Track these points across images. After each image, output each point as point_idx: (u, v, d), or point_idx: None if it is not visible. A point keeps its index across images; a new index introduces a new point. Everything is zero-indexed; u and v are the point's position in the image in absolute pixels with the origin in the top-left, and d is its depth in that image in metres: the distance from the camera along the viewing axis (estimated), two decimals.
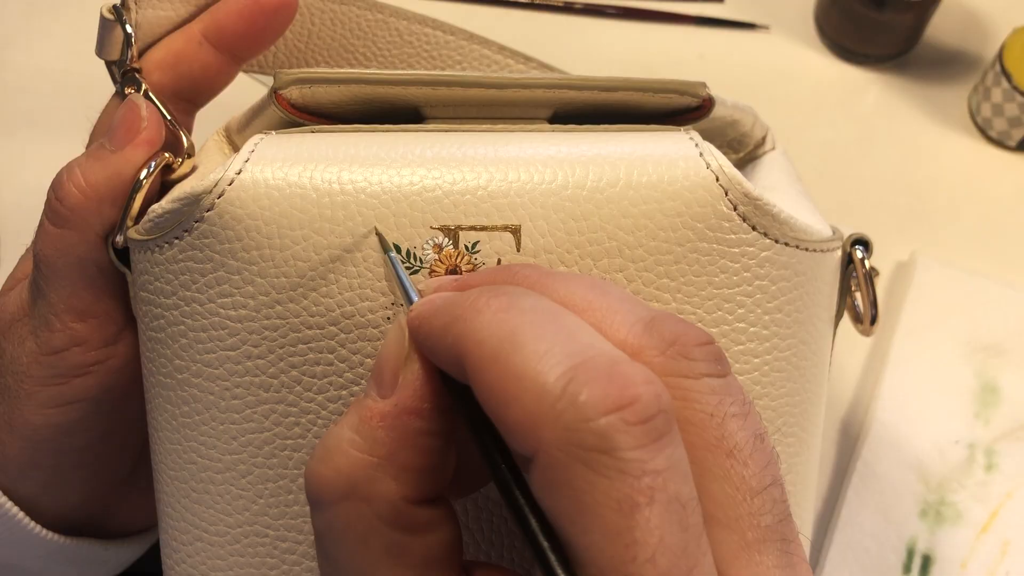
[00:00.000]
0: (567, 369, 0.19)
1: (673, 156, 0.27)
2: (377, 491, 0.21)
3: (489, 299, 0.21)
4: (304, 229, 0.26)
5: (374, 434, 0.21)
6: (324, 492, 0.22)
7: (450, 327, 0.21)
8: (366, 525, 0.21)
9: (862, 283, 0.31)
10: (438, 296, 0.23)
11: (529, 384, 0.19)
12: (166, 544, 0.30)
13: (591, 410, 0.18)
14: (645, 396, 0.19)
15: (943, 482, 0.44)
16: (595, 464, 0.18)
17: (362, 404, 0.22)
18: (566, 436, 0.18)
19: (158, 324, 0.28)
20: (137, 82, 0.32)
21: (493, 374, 0.19)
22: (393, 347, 0.23)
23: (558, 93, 0.29)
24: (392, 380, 0.22)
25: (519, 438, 0.19)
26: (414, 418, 0.22)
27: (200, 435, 0.28)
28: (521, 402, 0.19)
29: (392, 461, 0.21)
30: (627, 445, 0.18)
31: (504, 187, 0.26)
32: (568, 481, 0.18)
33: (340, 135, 0.28)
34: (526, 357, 0.19)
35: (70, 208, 0.30)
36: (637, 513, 0.18)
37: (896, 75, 0.59)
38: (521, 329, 0.20)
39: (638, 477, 0.18)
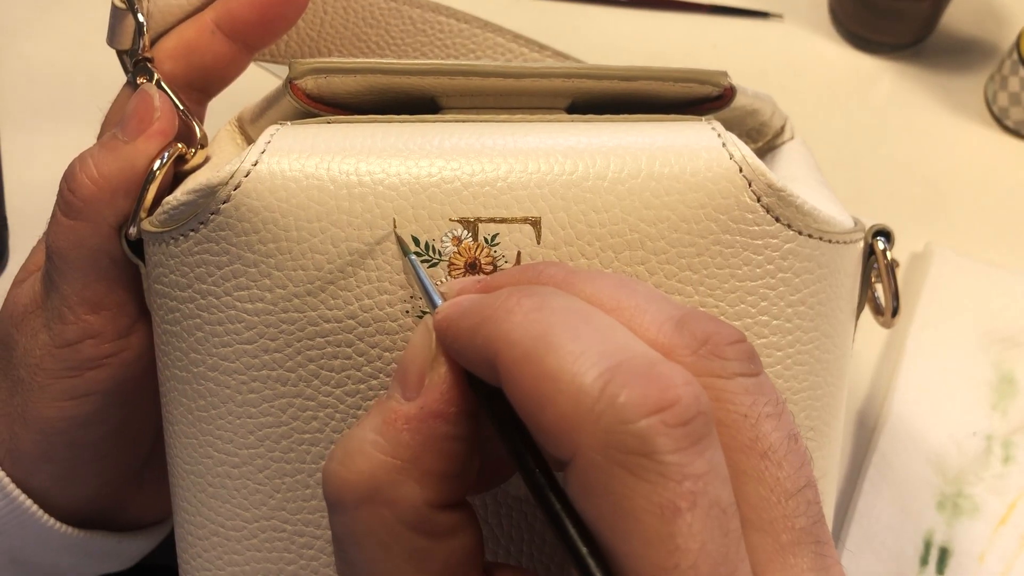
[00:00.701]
0: (604, 370, 0.18)
1: (695, 146, 0.26)
2: (400, 495, 0.21)
3: (520, 299, 0.20)
4: (322, 221, 0.26)
5: (398, 437, 0.21)
6: (345, 495, 0.21)
7: (480, 328, 0.21)
8: (388, 530, 0.21)
9: (884, 274, 0.31)
10: (465, 298, 0.22)
11: (565, 385, 0.19)
12: (181, 539, 0.30)
13: (631, 412, 0.18)
14: (685, 397, 0.18)
15: (960, 474, 0.43)
16: (635, 468, 0.18)
17: (385, 406, 0.22)
18: (605, 439, 0.18)
19: (173, 317, 0.28)
20: (149, 72, 0.32)
21: (526, 375, 0.19)
22: (419, 349, 0.22)
23: (576, 83, 0.29)
24: (418, 382, 0.22)
25: (555, 441, 0.19)
26: (440, 422, 0.21)
27: (216, 429, 0.28)
28: (557, 404, 0.19)
29: (416, 465, 0.21)
30: (668, 448, 0.18)
31: (524, 178, 0.26)
32: (607, 485, 0.18)
33: (357, 126, 0.28)
34: (561, 358, 0.19)
35: (83, 199, 0.29)
36: (679, 519, 0.18)
37: (911, 64, 0.58)
38: (554, 329, 0.19)
39: (679, 481, 0.18)
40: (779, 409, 0.21)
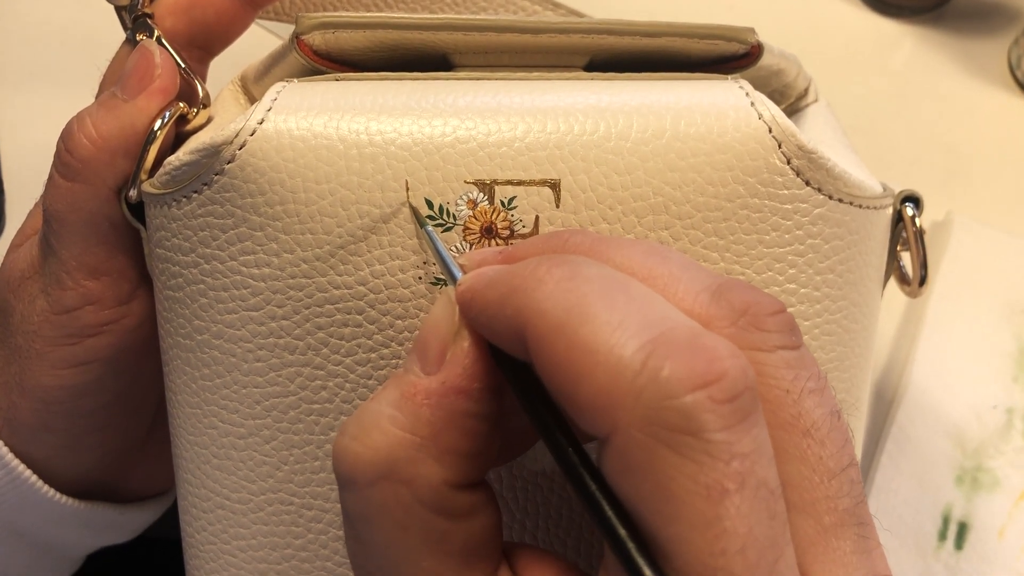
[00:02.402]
0: (645, 341, 0.17)
1: (722, 106, 0.25)
2: (419, 473, 0.20)
3: (550, 268, 0.19)
4: (331, 183, 0.25)
5: (418, 412, 0.20)
6: (359, 471, 0.20)
7: (509, 298, 0.19)
8: (405, 509, 0.20)
9: (912, 242, 0.30)
10: (490, 268, 0.21)
11: (603, 358, 0.17)
12: (185, 511, 0.29)
13: (676, 387, 0.17)
14: (732, 371, 0.17)
15: (980, 448, 0.43)
16: (681, 447, 0.17)
17: (404, 379, 0.21)
18: (647, 415, 0.17)
19: (176, 283, 0.27)
20: (149, 28, 0.31)
21: (560, 347, 0.18)
22: (440, 321, 0.21)
23: (596, 39, 0.27)
24: (439, 356, 0.21)
25: (591, 417, 0.18)
26: (462, 398, 0.20)
27: (221, 399, 0.27)
28: (594, 378, 0.17)
29: (436, 442, 0.20)
30: (715, 426, 0.17)
31: (543, 139, 0.25)
32: (651, 465, 0.17)
33: (367, 83, 0.26)
34: (597, 329, 0.18)
35: (81, 160, 0.28)
36: (727, 500, 0.17)
37: (932, 28, 0.57)
38: (588, 299, 0.18)
39: (727, 461, 0.17)
40: (821, 384, 0.20)
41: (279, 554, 0.28)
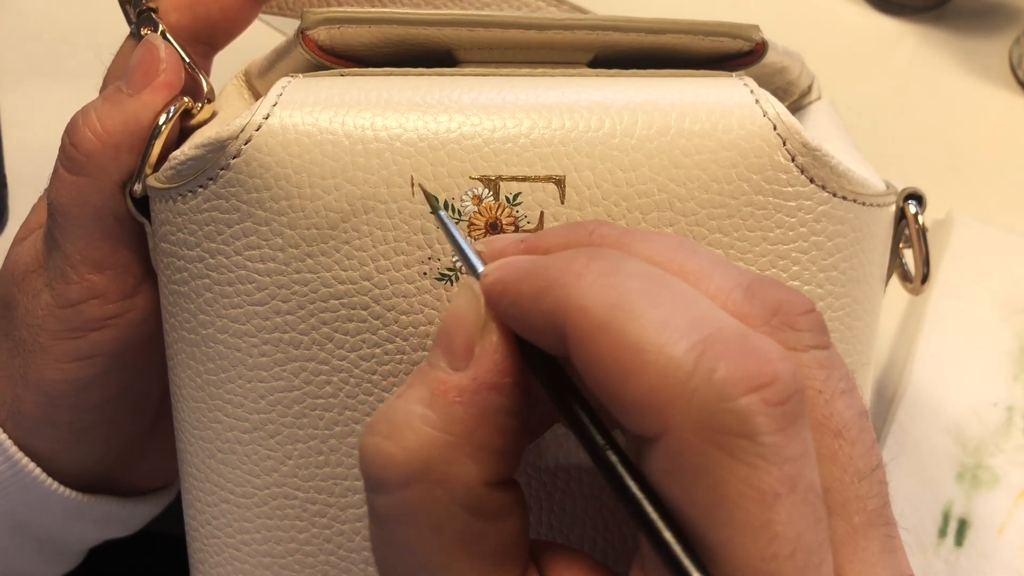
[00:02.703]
0: (696, 341, 0.17)
1: (727, 103, 0.25)
2: (454, 473, 0.19)
3: (588, 262, 0.19)
4: (336, 178, 0.25)
5: (451, 410, 0.20)
6: (392, 473, 0.19)
7: (546, 293, 0.19)
8: (441, 511, 0.19)
9: (915, 239, 0.30)
10: (520, 259, 0.21)
11: (653, 356, 0.17)
12: (190, 505, 0.29)
13: (731, 389, 0.17)
14: (784, 374, 0.17)
15: (980, 445, 0.43)
16: (735, 450, 0.17)
17: (431, 376, 0.20)
18: (702, 418, 0.17)
19: (181, 277, 0.27)
20: (154, 22, 0.31)
21: (605, 345, 0.18)
22: (465, 314, 0.21)
23: (602, 35, 0.27)
24: (466, 351, 0.20)
25: (639, 417, 0.17)
26: (495, 394, 0.20)
27: (226, 393, 0.27)
28: (644, 376, 0.17)
29: (470, 441, 0.19)
30: (768, 429, 0.17)
31: (547, 135, 0.25)
32: (704, 468, 0.17)
33: (372, 79, 0.27)
34: (644, 326, 0.17)
35: (86, 154, 0.28)
36: (779, 504, 0.17)
37: (934, 26, 0.57)
38: (632, 296, 0.18)
39: (780, 465, 0.17)
40: (851, 385, 0.20)
41: (283, 548, 0.28)
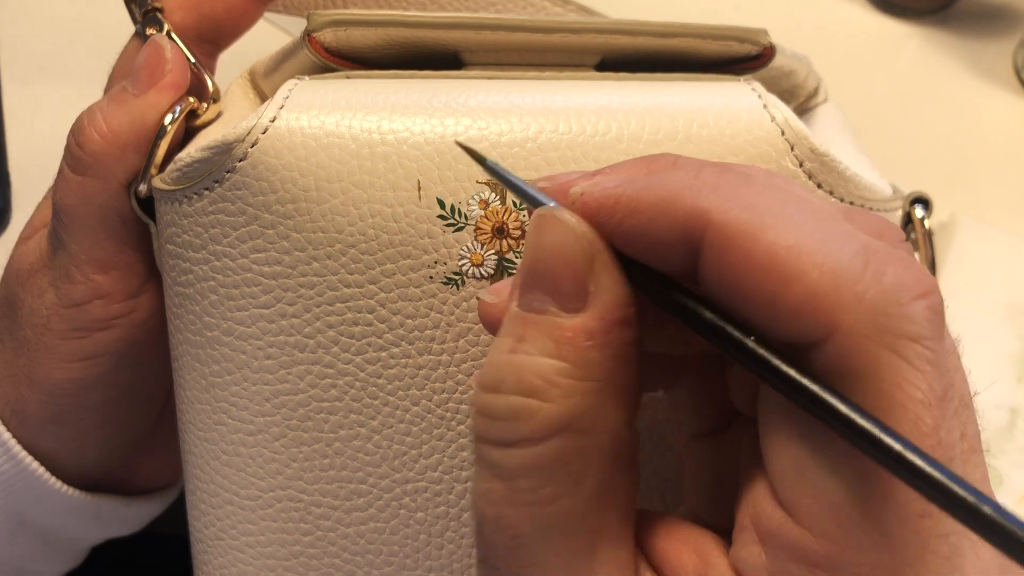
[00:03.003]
0: (859, 249, 0.17)
1: (735, 108, 0.25)
2: (602, 419, 0.18)
3: (719, 173, 0.18)
4: (343, 182, 0.25)
5: (586, 356, 0.18)
6: (536, 427, 0.18)
7: (676, 202, 0.18)
8: (585, 460, 0.18)
9: (922, 243, 0.30)
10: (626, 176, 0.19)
11: (819, 259, 0.17)
12: (193, 506, 0.29)
13: (902, 293, 0.17)
14: (936, 287, 0.17)
15: (984, 446, 0.43)
16: (907, 353, 0.17)
17: (547, 324, 0.19)
18: (873, 320, 0.16)
19: (186, 279, 0.27)
20: (159, 22, 0.31)
21: (758, 251, 0.17)
22: (567, 248, 0.19)
23: (609, 39, 0.27)
24: (578, 289, 0.19)
25: (801, 321, 0.17)
26: (625, 329, 0.19)
27: (231, 395, 0.27)
28: (809, 279, 0.17)
29: (613, 383, 0.19)
30: (934, 335, 0.17)
31: (555, 139, 0.25)
32: (874, 371, 0.17)
33: (378, 81, 0.26)
34: (802, 232, 0.17)
35: (91, 154, 0.28)
36: (943, 410, 0.17)
37: (938, 28, 0.57)
38: (779, 204, 0.18)
39: (943, 372, 0.17)
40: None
41: (287, 550, 0.28)
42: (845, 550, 0.17)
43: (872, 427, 0.16)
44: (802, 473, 0.18)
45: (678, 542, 0.20)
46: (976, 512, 0.16)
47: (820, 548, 0.17)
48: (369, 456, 0.27)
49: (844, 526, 0.17)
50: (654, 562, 0.20)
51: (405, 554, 0.27)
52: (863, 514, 0.17)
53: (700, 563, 0.19)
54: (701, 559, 0.19)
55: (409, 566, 0.27)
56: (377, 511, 0.27)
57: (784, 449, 0.18)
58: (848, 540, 0.17)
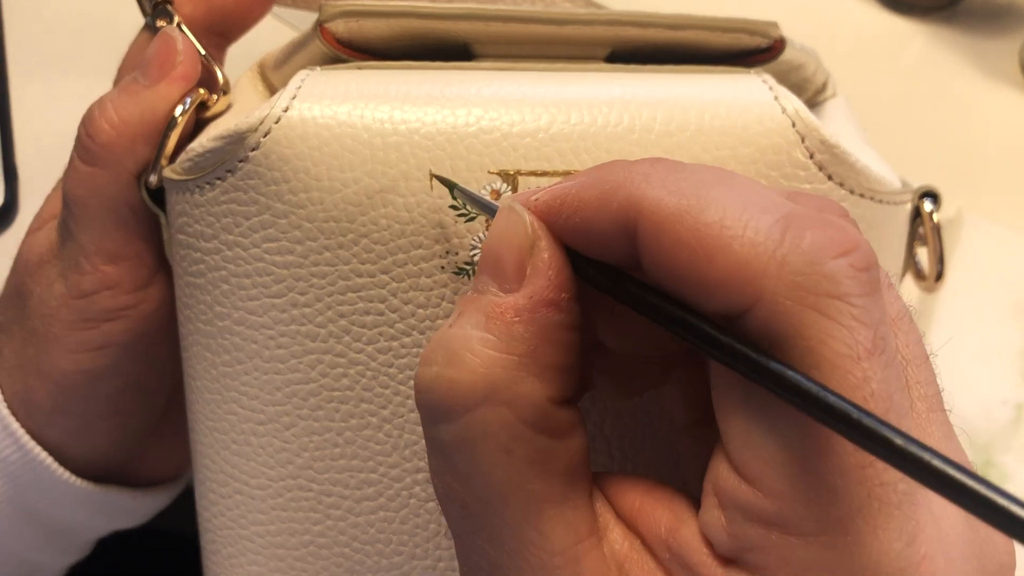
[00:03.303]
0: (779, 217, 0.18)
1: (746, 99, 0.25)
2: (521, 392, 0.19)
3: (652, 164, 0.19)
4: (355, 171, 0.25)
5: (510, 330, 0.19)
6: (457, 399, 0.19)
7: (613, 194, 0.19)
8: (510, 431, 0.19)
9: (930, 237, 0.30)
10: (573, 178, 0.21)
11: (738, 231, 0.18)
12: (203, 496, 0.29)
13: (820, 253, 0.17)
14: (863, 244, 0.18)
15: (989, 443, 0.43)
16: (829, 311, 0.17)
17: (483, 301, 0.20)
18: (794, 281, 0.17)
19: (197, 269, 0.27)
20: (169, 14, 0.31)
21: (684, 230, 0.18)
22: (512, 235, 0.20)
23: (619, 30, 0.27)
24: (517, 271, 0.20)
25: (728, 292, 0.18)
26: (553, 310, 0.20)
27: (242, 385, 0.27)
28: (730, 252, 0.17)
29: (535, 359, 0.19)
30: (857, 291, 0.17)
31: (566, 130, 0.25)
32: (799, 332, 0.17)
33: (390, 72, 0.27)
34: (724, 207, 0.18)
35: (102, 145, 0.29)
36: (873, 362, 0.17)
37: (944, 26, 0.57)
38: (704, 186, 0.18)
39: (869, 326, 0.17)
40: (893, 283, 0.21)
41: (297, 540, 0.28)
42: (793, 505, 0.18)
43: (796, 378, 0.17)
44: (747, 435, 0.18)
45: (655, 501, 0.21)
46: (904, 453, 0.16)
47: (770, 506, 0.18)
48: (380, 445, 0.27)
49: (789, 482, 0.18)
50: (629, 518, 0.21)
51: (415, 543, 0.27)
52: (805, 469, 0.18)
53: (673, 520, 0.20)
54: (674, 517, 0.20)
55: (419, 555, 0.27)
56: (387, 500, 0.27)
57: (731, 415, 0.19)
58: (795, 495, 0.18)
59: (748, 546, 0.18)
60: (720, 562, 0.19)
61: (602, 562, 0.20)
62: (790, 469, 0.18)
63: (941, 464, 0.16)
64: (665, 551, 0.20)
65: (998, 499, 0.15)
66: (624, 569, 0.20)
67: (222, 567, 0.29)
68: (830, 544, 0.18)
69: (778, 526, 0.18)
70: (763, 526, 0.18)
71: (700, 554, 0.19)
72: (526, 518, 0.20)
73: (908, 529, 0.18)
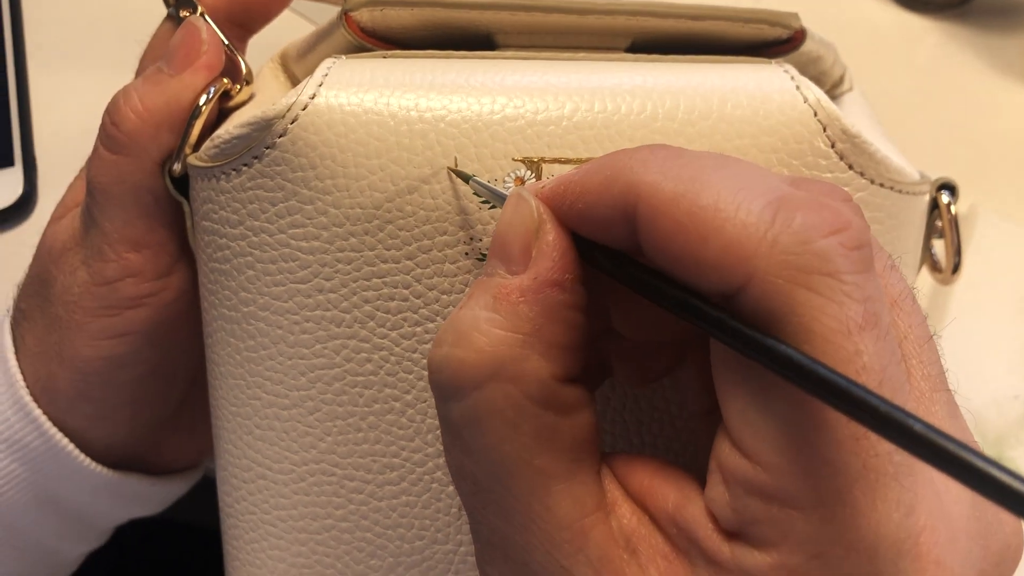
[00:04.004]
0: (771, 200, 0.18)
1: (768, 89, 0.26)
2: (526, 370, 0.20)
3: (652, 150, 0.20)
4: (381, 158, 0.25)
5: (515, 310, 0.20)
6: (465, 376, 0.20)
7: (614, 180, 0.20)
8: (516, 407, 0.20)
9: (947, 229, 0.30)
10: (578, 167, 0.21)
11: (731, 214, 0.18)
12: (224, 481, 0.29)
13: (810, 232, 0.18)
14: (856, 222, 0.18)
15: (1000, 438, 0.43)
16: (820, 288, 0.18)
17: (491, 283, 0.21)
18: (785, 260, 0.18)
19: (223, 255, 0.27)
20: (192, 4, 0.31)
21: (681, 212, 0.18)
22: (517, 220, 0.21)
23: (641, 21, 0.28)
24: (523, 254, 0.21)
25: (721, 272, 0.18)
26: (557, 290, 0.20)
27: (266, 370, 0.27)
28: (723, 233, 0.18)
29: (539, 337, 0.20)
30: (848, 268, 0.18)
31: (590, 118, 0.25)
32: (791, 308, 0.18)
33: (415, 61, 0.27)
34: (719, 192, 0.18)
35: (127, 133, 0.29)
36: (864, 336, 0.18)
37: (957, 23, 0.57)
38: (703, 171, 0.19)
39: (861, 302, 0.18)
40: (895, 264, 0.21)
41: (319, 524, 0.28)
42: (791, 479, 0.18)
43: (786, 351, 0.17)
44: (745, 411, 0.19)
45: (663, 479, 0.21)
46: (888, 420, 0.16)
47: (770, 480, 0.18)
48: (403, 430, 0.27)
49: (786, 456, 0.18)
50: (638, 496, 0.21)
51: (436, 528, 0.28)
52: (801, 442, 0.18)
53: (680, 497, 0.20)
54: (682, 494, 0.21)
55: (440, 540, 0.28)
56: (409, 485, 0.27)
57: (730, 393, 0.19)
58: (792, 469, 0.18)
59: (750, 520, 0.19)
60: (725, 536, 0.19)
61: (609, 536, 0.20)
62: (786, 443, 0.18)
63: (923, 429, 0.16)
64: (672, 527, 0.20)
65: (983, 466, 0.15)
66: (632, 543, 0.20)
67: (244, 551, 0.29)
68: (828, 516, 0.18)
69: (778, 499, 0.18)
70: (763, 500, 0.18)
71: (706, 529, 0.20)
72: (533, 492, 0.20)
73: (906, 500, 0.18)
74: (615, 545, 0.20)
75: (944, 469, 0.16)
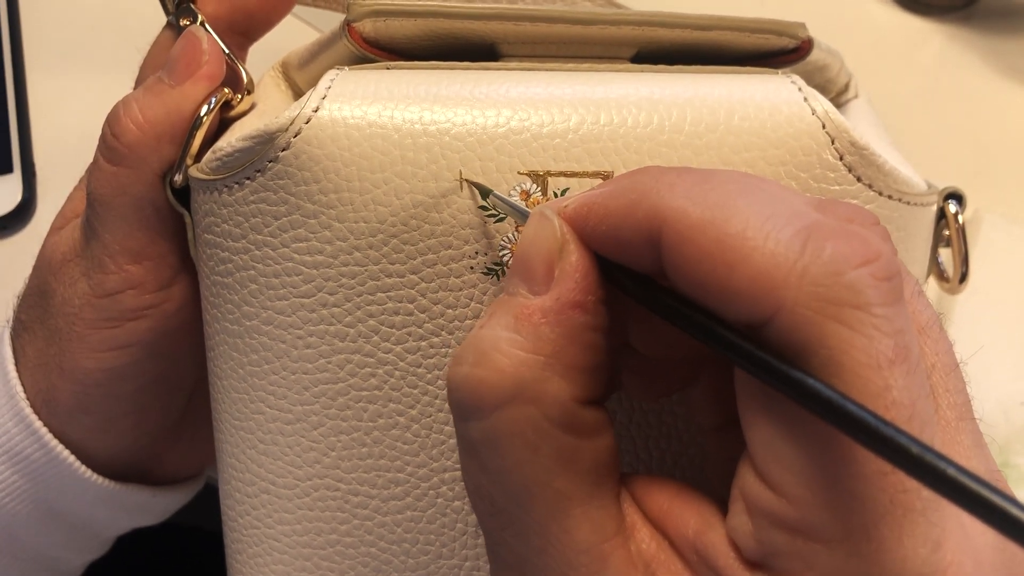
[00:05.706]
0: (800, 228, 0.18)
1: (775, 100, 0.25)
2: (547, 391, 0.20)
3: (679, 173, 0.20)
4: (385, 172, 0.25)
5: (537, 331, 0.20)
6: (485, 397, 0.20)
7: (639, 203, 0.19)
8: (536, 429, 0.20)
9: (955, 239, 0.30)
10: (605, 184, 0.21)
11: (759, 243, 0.18)
12: (228, 495, 0.29)
13: (840, 264, 0.17)
14: (886, 253, 0.18)
15: (1007, 444, 0.43)
16: (850, 321, 0.17)
17: (513, 303, 0.20)
18: (815, 292, 0.17)
19: (225, 268, 0.27)
20: (193, 13, 0.31)
21: (708, 240, 0.18)
22: (541, 241, 0.21)
23: (647, 31, 0.27)
24: (546, 274, 0.20)
25: (748, 302, 0.18)
26: (579, 312, 0.20)
27: (269, 384, 0.27)
28: (751, 263, 0.18)
29: (560, 359, 0.20)
30: (878, 300, 0.17)
31: (596, 130, 0.25)
32: (820, 341, 0.17)
33: (419, 72, 0.26)
34: (746, 219, 0.18)
35: (127, 145, 0.29)
36: (894, 371, 0.17)
37: (961, 26, 0.57)
38: (730, 197, 0.19)
39: (891, 336, 0.17)
40: (922, 290, 0.21)
41: (324, 539, 0.28)
42: (817, 512, 0.18)
43: (815, 386, 0.17)
44: (770, 443, 0.19)
45: (683, 503, 0.21)
46: (919, 462, 0.16)
47: (795, 513, 0.18)
48: (407, 445, 0.27)
49: (812, 489, 0.18)
50: (657, 520, 0.21)
51: (441, 543, 0.27)
52: (827, 476, 0.18)
53: (701, 523, 0.20)
54: (702, 520, 0.20)
55: (445, 555, 0.27)
56: (414, 500, 0.27)
57: (755, 423, 0.19)
58: (818, 502, 0.18)
59: (774, 551, 0.18)
60: (747, 566, 0.19)
61: (629, 561, 0.20)
62: (812, 476, 0.18)
63: (956, 473, 0.16)
64: (693, 553, 0.20)
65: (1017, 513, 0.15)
66: (651, 569, 0.20)
67: (247, 566, 0.29)
68: (854, 550, 0.18)
69: (803, 532, 0.18)
70: (788, 532, 0.18)
71: (727, 558, 0.19)
72: (552, 515, 0.20)
73: (933, 535, 0.18)
74: (634, 570, 0.20)
75: (976, 513, 0.16)
